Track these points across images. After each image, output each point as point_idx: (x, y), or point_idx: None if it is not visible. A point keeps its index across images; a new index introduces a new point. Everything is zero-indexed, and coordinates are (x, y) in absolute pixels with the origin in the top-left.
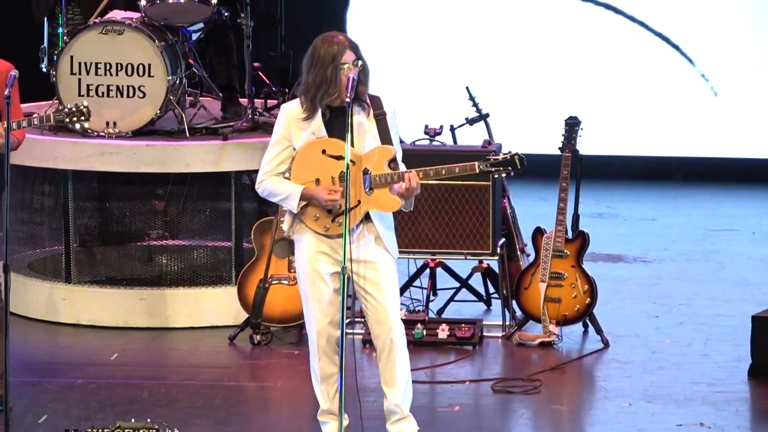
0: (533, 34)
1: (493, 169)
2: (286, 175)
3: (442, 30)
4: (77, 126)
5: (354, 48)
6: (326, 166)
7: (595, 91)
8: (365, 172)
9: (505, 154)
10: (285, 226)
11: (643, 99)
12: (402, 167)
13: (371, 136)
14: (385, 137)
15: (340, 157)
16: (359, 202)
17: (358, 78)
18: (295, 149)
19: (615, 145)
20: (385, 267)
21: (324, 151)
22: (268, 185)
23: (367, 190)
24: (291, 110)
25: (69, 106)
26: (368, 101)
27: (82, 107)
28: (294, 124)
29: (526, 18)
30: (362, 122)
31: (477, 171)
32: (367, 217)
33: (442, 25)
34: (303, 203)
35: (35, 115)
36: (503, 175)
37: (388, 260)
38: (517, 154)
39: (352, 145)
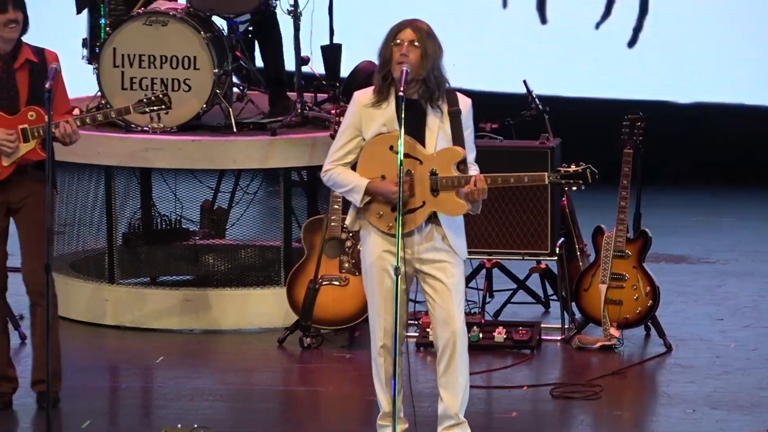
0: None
1: (563, 182)
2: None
3: (499, 21)
4: (157, 117)
5: (416, 28)
6: (393, 163)
7: (655, 86)
8: (432, 173)
9: (576, 166)
10: (348, 221)
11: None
12: (474, 168)
13: (444, 134)
14: (457, 136)
15: (407, 155)
16: (424, 203)
17: (432, 66)
18: (364, 139)
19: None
20: (451, 268)
21: (392, 147)
22: (333, 175)
23: (432, 191)
24: (361, 97)
25: (147, 95)
26: (443, 95)
27: (161, 95)
28: (364, 112)
29: (586, 9)
30: (435, 119)
31: (546, 182)
32: (434, 218)
33: (499, 16)
34: (367, 198)
35: (111, 109)
36: (573, 188)
37: (454, 261)
38: (589, 167)
39: (422, 143)
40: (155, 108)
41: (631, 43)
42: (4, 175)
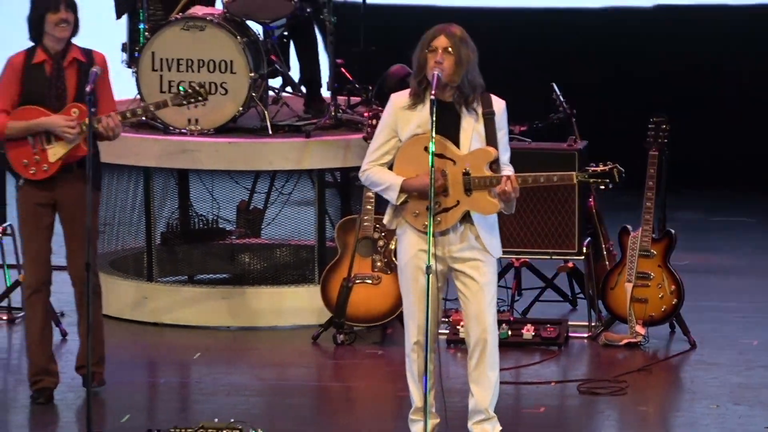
0: (619, 29)
1: (591, 180)
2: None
3: (528, 25)
4: (197, 107)
5: (450, 35)
6: (428, 163)
7: (679, 87)
8: (465, 173)
9: (604, 166)
10: (386, 219)
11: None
12: (509, 168)
13: (478, 135)
14: (491, 138)
15: (441, 156)
16: (458, 202)
17: (466, 71)
18: (400, 140)
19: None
20: (484, 267)
21: (426, 148)
22: (370, 175)
23: (466, 191)
24: (398, 99)
25: (184, 88)
26: (478, 98)
27: (198, 87)
28: (400, 114)
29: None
30: (470, 121)
31: (575, 182)
32: (468, 217)
33: (528, 20)
34: (403, 196)
35: (149, 102)
36: (601, 187)
37: (487, 260)
38: (615, 166)
39: (457, 144)
40: (192, 100)
41: None
42: (50, 172)
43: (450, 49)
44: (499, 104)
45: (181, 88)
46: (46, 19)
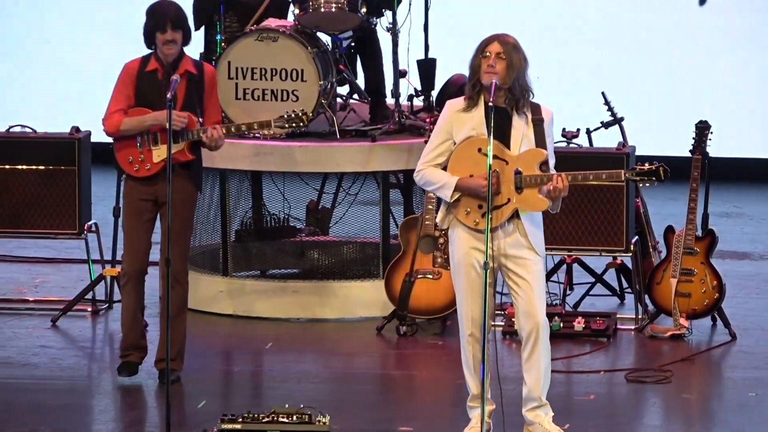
0: (664, 38)
1: (638, 178)
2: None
3: (578, 35)
4: (296, 131)
5: (503, 42)
6: (481, 164)
7: (725, 93)
8: (517, 172)
9: (650, 164)
10: (438, 219)
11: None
12: (553, 172)
13: (527, 140)
14: (540, 142)
15: (495, 157)
16: (509, 200)
17: (517, 76)
18: (455, 143)
19: (744, 147)
20: (533, 264)
21: (480, 150)
22: (425, 174)
23: (517, 189)
24: (453, 104)
25: (288, 112)
26: (528, 104)
27: (300, 113)
28: (455, 117)
29: (657, 22)
30: (520, 125)
31: (623, 179)
32: (516, 216)
33: (578, 30)
34: (457, 194)
35: (253, 122)
36: (647, 184)
37: (534, 258)
38: (662, 165)
39: (507, 146)
40: (294, 125)
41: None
42: (152, 171)
43: (502, 54)
44: (547, 112)
45: (286, 112)
46: (156, 36)
